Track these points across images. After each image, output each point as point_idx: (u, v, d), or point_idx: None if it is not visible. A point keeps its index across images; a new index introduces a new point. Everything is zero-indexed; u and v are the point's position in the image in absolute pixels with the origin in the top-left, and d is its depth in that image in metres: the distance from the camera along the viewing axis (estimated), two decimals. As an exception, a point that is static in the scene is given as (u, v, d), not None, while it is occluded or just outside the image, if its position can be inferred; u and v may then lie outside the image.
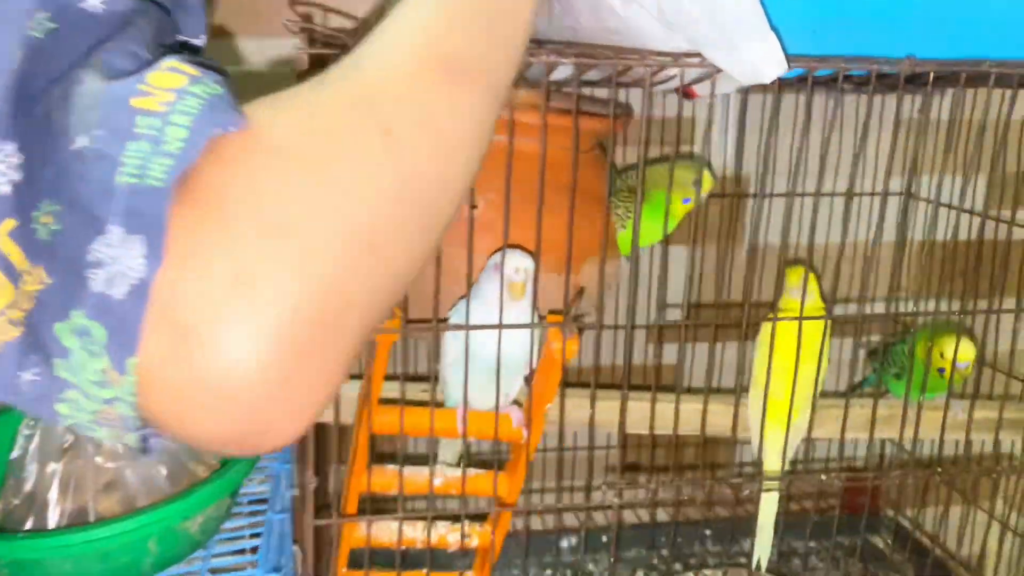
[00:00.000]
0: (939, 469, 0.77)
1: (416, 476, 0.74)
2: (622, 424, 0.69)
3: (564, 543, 1.16)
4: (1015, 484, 0.98)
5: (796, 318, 0.74)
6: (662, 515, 1.18)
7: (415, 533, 0.79)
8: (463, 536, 0.80)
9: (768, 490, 0.77)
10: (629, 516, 1.16)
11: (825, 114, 1.06)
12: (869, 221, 1.12)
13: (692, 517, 1.21)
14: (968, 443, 0.82)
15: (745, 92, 0.94)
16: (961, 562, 0.91)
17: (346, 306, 0.30)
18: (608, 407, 0.80)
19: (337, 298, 0.29)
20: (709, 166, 0.99)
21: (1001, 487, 1.04)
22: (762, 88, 0.91)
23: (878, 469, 1.10)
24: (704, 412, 0.75)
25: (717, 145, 1.08)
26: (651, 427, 0.74)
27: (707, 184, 0.84)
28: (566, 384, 0.83)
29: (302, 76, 0.60)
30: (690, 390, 1.16)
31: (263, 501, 0.85)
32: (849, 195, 0.74)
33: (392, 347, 0.65)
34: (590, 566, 1.14)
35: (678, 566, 1.14)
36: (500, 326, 0.65)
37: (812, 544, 1.17)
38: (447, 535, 0.79)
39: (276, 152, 0.30)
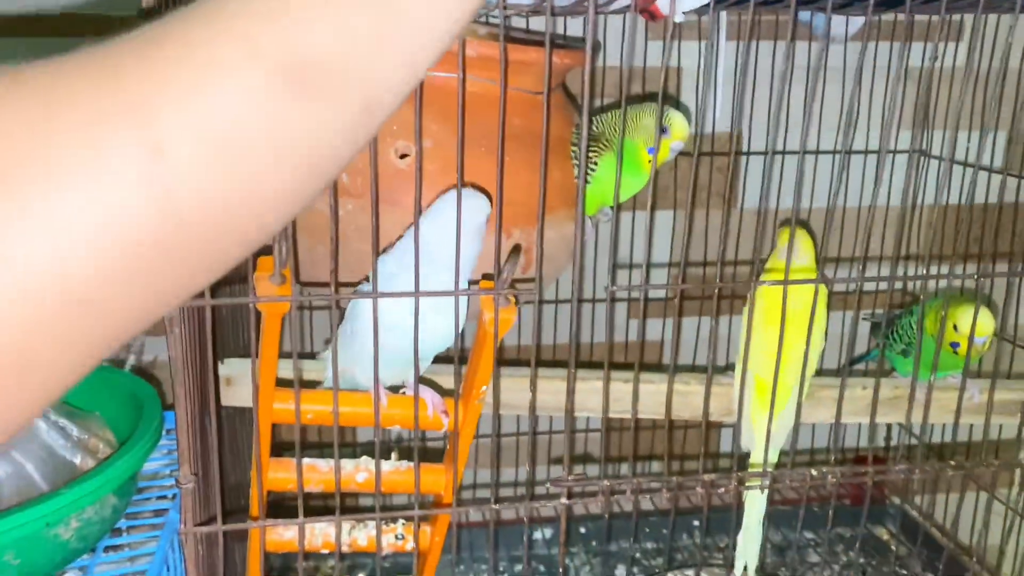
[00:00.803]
0: (952, 462, 0.65)
1: (333, 471, 0.64)
2: (569, 409, 0.58)
3: (537, 534, 1.06)
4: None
5: (782, 282, 0.62)
6: (647, 503, 1.07)
7: (342, 535, 0.68)
8: (396, 538, 0.69)
9: (749, 487, 0.66)
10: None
11: (809, 58, 0.94)
12: (863, 180, 1.00)
13: (682, 506, 1.11)
14: (987, 430, 0.71)
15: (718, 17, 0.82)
16: (975, 556, 0.80)
17: (24, 367, 0.23)
18: (559, 388, 0.70)
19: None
20: (681, 109, 0.87)
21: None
22: (736, 13, 0.79)
23: (882, 460, 0.99)
24: (669, 392, 0.64)
25: (703, 95, 0.96)
26: (604, 410, 0.63)
27: (677, 131, 0.72)
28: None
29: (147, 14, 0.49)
30: (670, 367, 1.05)
31: (175, 498, 0.75)
32: (855, 152, 0.62)
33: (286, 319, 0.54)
34: (567, 561, 1.04)
35: (660, 561, 1.04)
36: (416, 293, 0.54)
37: (809, 536, 1.06)
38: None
39: None
